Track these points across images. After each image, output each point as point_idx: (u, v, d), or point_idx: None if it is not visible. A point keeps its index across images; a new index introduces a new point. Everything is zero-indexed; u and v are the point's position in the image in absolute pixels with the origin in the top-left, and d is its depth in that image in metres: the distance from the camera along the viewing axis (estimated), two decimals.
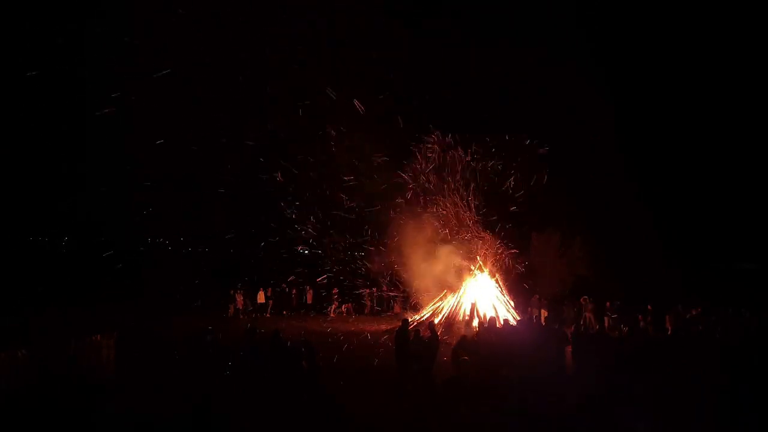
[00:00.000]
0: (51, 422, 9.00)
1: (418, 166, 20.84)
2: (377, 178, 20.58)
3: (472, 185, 20.78)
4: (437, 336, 12.32)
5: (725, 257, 35.57)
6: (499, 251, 21.22)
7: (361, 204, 21.04)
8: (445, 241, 20.90)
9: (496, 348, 11.50)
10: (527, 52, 26.12)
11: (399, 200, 21.02)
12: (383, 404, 10.16)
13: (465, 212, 20.78)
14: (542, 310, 21.12)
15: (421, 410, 9.74)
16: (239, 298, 24.08)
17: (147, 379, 11.05)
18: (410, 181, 20.90)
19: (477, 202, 20.94)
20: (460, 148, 20.67)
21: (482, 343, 11.70)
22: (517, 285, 23.03)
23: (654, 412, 9.36)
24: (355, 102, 18.98)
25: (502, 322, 14.16)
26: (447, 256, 20.75)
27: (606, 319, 20.38)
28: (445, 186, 20.70)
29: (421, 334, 11.69)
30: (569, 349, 11.68)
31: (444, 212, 20.86)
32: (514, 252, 21.67)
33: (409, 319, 13.56)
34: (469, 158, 20.67)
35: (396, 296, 25.01)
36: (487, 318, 17.33)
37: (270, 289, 24.89)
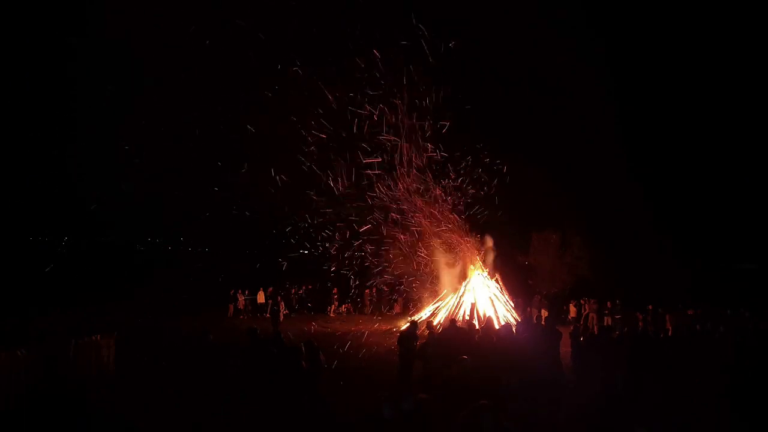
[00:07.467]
0: (50, 423, 8.99)
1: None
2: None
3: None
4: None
5: (726, 258, 35.61)
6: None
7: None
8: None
9: (496, 349, 11.47)
10: (526, 51, 26.05)
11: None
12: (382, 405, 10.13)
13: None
14: (542, 310, 21.15)
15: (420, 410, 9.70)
16: (240, 298, 24.08)
17: (147, 380, 11.04)
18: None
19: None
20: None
21: (479, 343, 11.67)
22: (517, 284, 23.06)
23: (655, 412, 9.36)
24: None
25: (502, 323, 14.14)
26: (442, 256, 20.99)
27: (606, 319, 20.39)
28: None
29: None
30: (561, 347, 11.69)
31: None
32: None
33: (417, 321, 13.39)
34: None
35: (396, 297, 25.00)
36: (486, 318, 17.32)
37: (270, 288, 24.86)
